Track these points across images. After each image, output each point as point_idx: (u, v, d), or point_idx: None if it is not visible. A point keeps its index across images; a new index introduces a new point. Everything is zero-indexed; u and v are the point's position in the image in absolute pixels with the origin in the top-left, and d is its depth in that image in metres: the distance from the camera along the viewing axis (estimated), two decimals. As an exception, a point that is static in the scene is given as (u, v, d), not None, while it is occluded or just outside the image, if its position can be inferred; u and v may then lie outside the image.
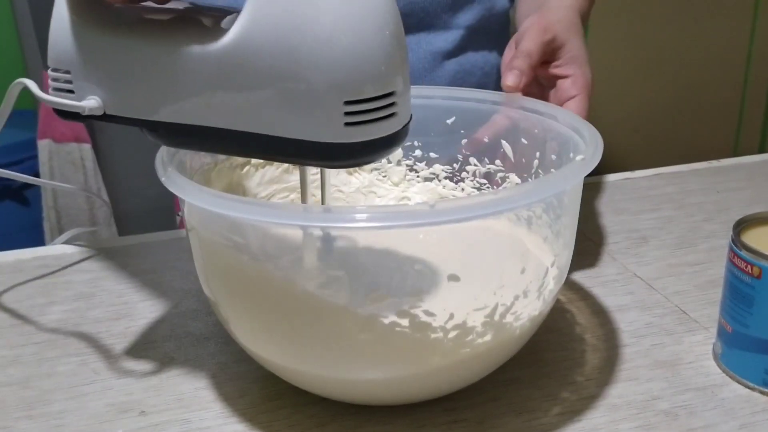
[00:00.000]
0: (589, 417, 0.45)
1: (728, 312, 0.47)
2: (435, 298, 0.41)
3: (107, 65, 0.41)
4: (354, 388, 0.44)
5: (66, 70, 0.42)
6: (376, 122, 0.37)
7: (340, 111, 0.36)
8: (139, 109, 0.41)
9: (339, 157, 0.37)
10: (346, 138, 0.36)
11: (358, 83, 0.35)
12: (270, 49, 0.36)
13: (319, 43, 0.35)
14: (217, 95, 0.38)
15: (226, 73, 0.37)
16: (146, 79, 0.40)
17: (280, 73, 0.36)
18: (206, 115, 0.39)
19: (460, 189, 0.60)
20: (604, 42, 1.82)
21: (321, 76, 0.35)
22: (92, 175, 1.50)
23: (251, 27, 0.36)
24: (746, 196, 0.75)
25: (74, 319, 0.57)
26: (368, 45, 0.35)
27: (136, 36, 0.40)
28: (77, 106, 0.41)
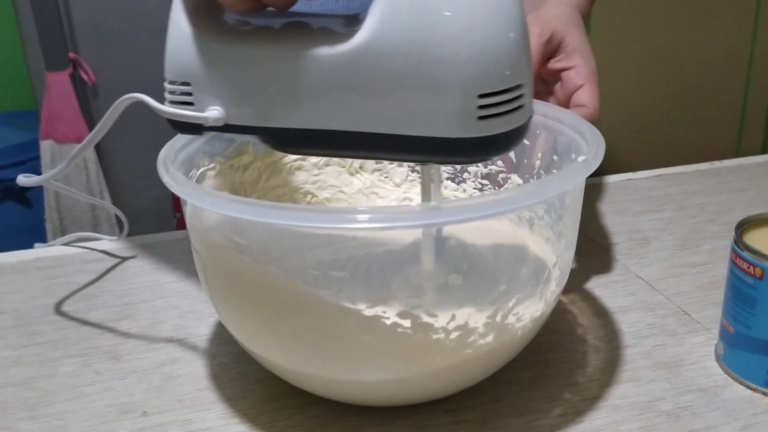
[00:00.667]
0: (590, 418, 0.45)
1: (730, 313, 0.47)
2: (437, 299, 0.41)
3: (229, 75, 0.40)
4: (356, 389, 0.44)
5: (185, 82, 0.41)
6: (506, 114, 0.37)
7: (474, 105, 0.36)
8: (261, 118, 0.40)
9: (470, 152, 0.37)
10: (479, 132, 0.36)
11: (491, 76, 0.36)
12: (402, 49, 0.36)
13: (452, 39, 0.35)
14: (346, 98, 0.38)
15: (356, 75, 0.37)
16: (270, 86, 0.39)
17: (413, 71, 0.36)
18: (333, 119, 0.39)
19: (461, 190, 0.60)
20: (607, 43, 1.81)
21: (455, 72, 0.35)
22: (95, 176, 1.50)
23: (382, 28, 0.36)
24: (748, 197, 0.75)
25: (76, 320, 0.57)
26: (499, 38, 0.36)
27: (260, 44, 0.40)
28: (201, 118, 0.40)
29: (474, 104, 0.36)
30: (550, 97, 0.59)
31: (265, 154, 0.56)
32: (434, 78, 0.36)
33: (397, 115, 0.37)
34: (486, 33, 0.35)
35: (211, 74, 0.40)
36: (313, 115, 0.39)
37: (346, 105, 0.38)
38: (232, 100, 0.40)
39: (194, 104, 0.41)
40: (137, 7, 1.44)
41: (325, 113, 0.39)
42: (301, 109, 0.39)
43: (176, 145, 0.47)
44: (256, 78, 0.40)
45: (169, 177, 0.42)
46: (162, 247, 0.67)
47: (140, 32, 1.45)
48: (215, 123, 0.41)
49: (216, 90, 0.40)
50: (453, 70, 0.35)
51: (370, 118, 0.38)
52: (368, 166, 0.61)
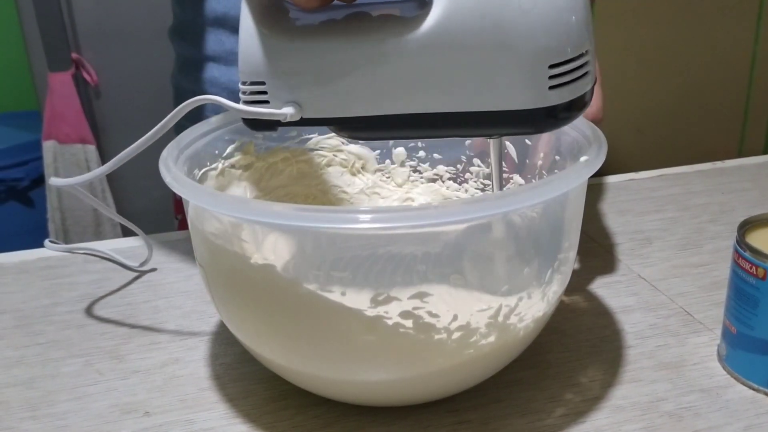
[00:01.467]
0: (593, 418, 0.45)
1: (733, 313, 0.47)
2: (439, 299, 0.41)
3: (302, 72, 0.41)
4: (358, 389, 0.44)
5: (259, 82, 0.42)
6: (574, 82, 0.38)
7: (545, 75, 0.37)
8: (336, 109, 0.41)
9: (543, 121, 0.39)
10: (550, 101, 0.38)
11: (561, 46, 0.37)
12: (472, 26, 0.37)
13: (522, 13, 0.36)
14: (421, 81, 0.39)
15: (430, 57, 0.38)
16: (344, 78, 0.40)
17: (485, 48, 0.37)
18: (408, 103, 0.40)
19: (463, 190, 0.59)
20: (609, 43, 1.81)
21: (527, 44, 0.36)
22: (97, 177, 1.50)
23: (450, 9, 0.37)
24: (751, 197, 0.74)
25: (78, 320, 0.57)
26: (566, 9, 0.37)
27: (330, 36, 0.40)
28: (278, 114, 0.41)
29: (545, 74, 0.37)
30: None
31: (267, 154, 0.56)
32: (507, 52, 0.37)
33: (471, 92, 0.38)
34: (554, 6, 0.36)
35: (285, 73, 0.41)
36: (389, 101, 0.40)
37: (421, 88, 0.39)
38: (307, 96, 0.41)
39: (269, 102, 0.42)
40: (139, 7, 1.44)
41: (400, 98, 0.40)
42: (376, 97, 0.40)
43: (178, 146, 0.47)
44: (330, 72, 0.40)
45: (171, 177, 0.42)
46: (164, 247, 0.67)
47: (142, 33, 1.45)
48: (292, 118, 0.42)
49: (290, 87, 0.41)
50: (525, 42, 0.36)
51: (445, 98, 0.39)
52: (370, 167, 0.61)
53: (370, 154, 0.61)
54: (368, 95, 0.40)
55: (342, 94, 0.41)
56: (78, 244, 0.67)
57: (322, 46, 0.40)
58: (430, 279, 0.42)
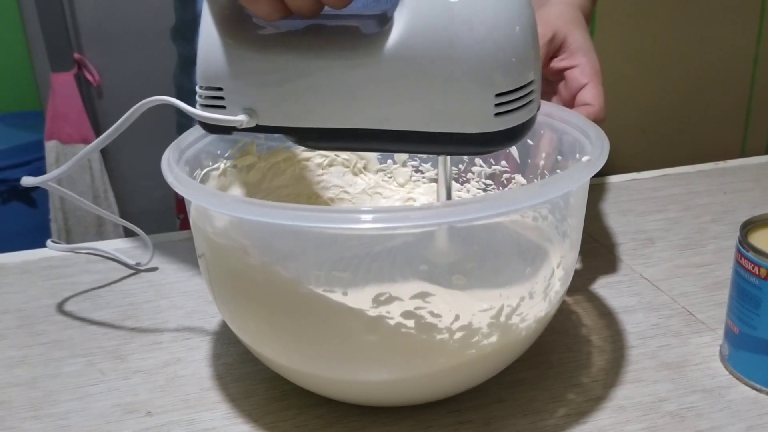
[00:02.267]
0: (595, 419, 0.45)
1: (735, 313, 0.47)
2: (440, 299, 0.41)
3: (260, 79, 0.42)
4: (359, 389, 0.44)
5: (217, 87, 0.42)
6: (518, 110, 0.40)
7: (491, 103, 0.39)
8: (291, 119, 0.42)
9: (487, 145, 0.40)
10: (495, 127, 0.39)
11: (508, 76, 0.39)
12: (426, 55, 0.38)
13: (476, 43, 0.37)
14: (373, 99, 0.40)
15: (382, 78, 0.39)
16: (300, 89, 0.41)
17: (437, 74, 0.38)
18: (361, 118, 0.41)
19: (465, 190, 0.59)
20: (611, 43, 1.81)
21: (477, 75, 0.38)
22: (99, 176, 1.51)
23: (407, 34, 0.38)
24: (753, 197, 0.74)
25: (80, 320, 0.57)
26: (515, 43, 0.38)
27: (289, 48, 0.41)
28: (233, 121, 0.42)
29: (492, 103, 0.39)
30: (554, 97, 0.59)
31: (268, 154, 0.56)
32: (457, 81, 0.38)
33: (422, 114, 0.40)
34: (505, 40, 0.38)
35: (242, 80, 0.42)
36: (343, 115, 0.41)
37: (375, 106, 0.40)
38: (262, 104, 0.42)
39: (226, 107, 0.42)
40: (141, 8, 1.44)
41: (354, 114, 0.41)
42: (331, 111, 0.41)
43: (180, 146, 0.47)
44: (286, 83, 0.41)
45: (173, 177, 0.42)
46: (166, 247, 0.67)
47: (144, 33, 1.45)
48: (246, 125, 0.42)
49: (247, 94, 0.42)
50: (475, 73, 0.38)
51: (396, 117, 0.40)
52: (372, 167, 0.61)
53: (371, 154, 0.61)
54: (323, 108, 0.41)
55: (297, 105, 0.41)
56: (80, 244, 0.67)
57: (280, 57, 0.41)
58: (431, 278, 0.42)
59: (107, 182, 1.51)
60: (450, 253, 0.44)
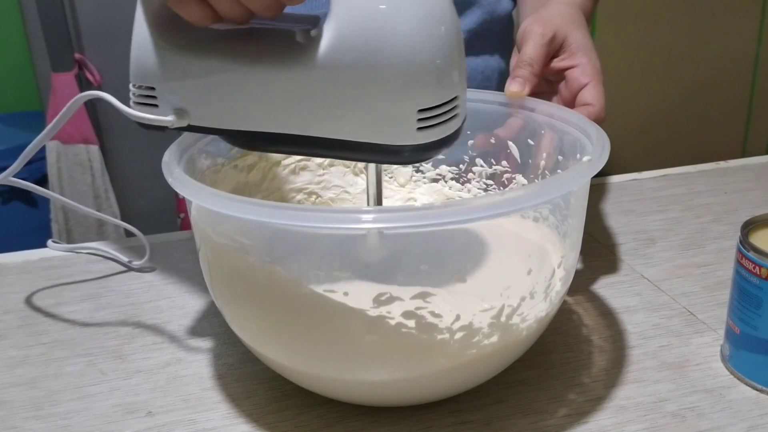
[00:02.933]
0: (596, 419, 0.45)
1: (736, 313, 0.47)
2: (441, 299, 0.41)
3: (191, 81, 0.42)
4: (360, 389, 0.44)
5: (149, 86, 0.43)
6: (442, 124, 0.40)
7: (414, 118, 0.39)
8: (222, 120, 0.43)
9: (409, 157, 0.41)
10: (417, 140, 0.40)
11: (431, 93, 0.39)
12: (352, 66, 0.39)
13: (399, 60, 0.38)
14: (300, 106, 0.41)
15: (310, 87, 0.40)
16: (230, 92, 0.42)
17: (362, 86, 0.39)
18: (288, 124, 0.41)
19: (466, 190, 0.59)
20: (612, 43, 1.81)
21: (401, 89, 0.39)
22: (99, 176, 1.51)
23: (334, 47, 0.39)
24: (754, 197, 0.74)
25: (81, 320, 0.57)
26: (441, 58, 0.39)
27: (219, 53, 0.42)
28: (163, 121, 0.43)
29: (414, 118, 0.39)
30: (555, 97, 0.59)
31: (269, 154, 0.56)
32: (381, 94, 0.39)
33: (348, 124, 0.40)
34: (428, 58, 0.38)
35: (173, 81, 0.43)
36: (272, 120, 0.42)
37: (301, 113, 0.41)
38: (194, 105, 0.43)
39: (158, 106, 0.43)
40: (142, 8, 1.44)
41: (282, 119, 0.41)
42: (260, 115, 0.42)
43: (181, 146, 0.47)
44: (215, 85, 0.42)
45: (173, 177, 0.42)
46: (167, 247, 0.67)
47: (145, 33, 1.45)
48: (177, 125, 0.43)
49: (178, 95, 0.43)
50: (398, 88, 0.39)
51: (322, 125, 0.41)
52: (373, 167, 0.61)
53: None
54: (252, 112, 0.42)
55: (227, 108, 0.42)
56: (80, 244, 0.67)
57: (211, 61, 0.42)
58: (432, 279, 0.42)
59: (108, 182, 1.51)
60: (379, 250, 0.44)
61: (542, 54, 0.56)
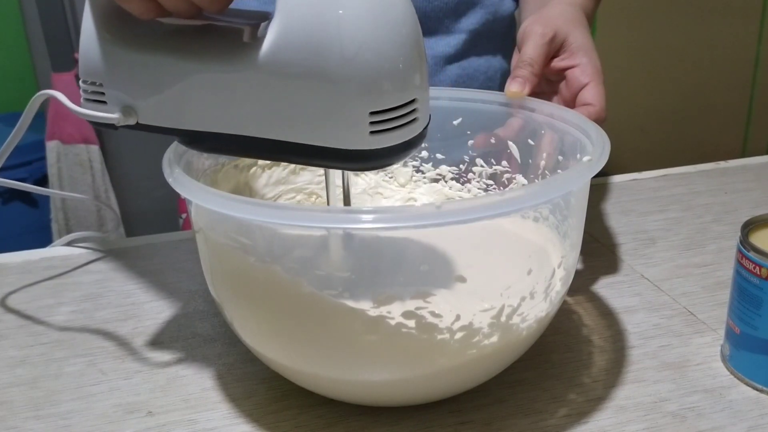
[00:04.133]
0: (596, 419, 0.45)
1: (736, 313, 0.47)
2: (441, 299, 0.41)
3: (138, 78, 0.41)
4: (360, 390, 0.44)
5: (98, 83, 0.42)
6: (398, 129, 0.38)
7: (365, 121, 0.37)
8: (170, 119, 0.42)
9: (363, 162, 0.39)
10: (371, 145, 0.38)
11: (382, 95, 0.37)
12: (297, 66, 0.37)
13: (345, 61, 0.36)
14: (248, 106, 0.39)
15: (256, 86, 0.38)
16: (177, 90, 0.41)
17: (309, 87, 0.37)
18: (237, 124, 0.40)
19: (466, 190, 0.59)
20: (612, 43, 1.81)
21: (348, 91, 0.37)
22: (100, 177, 1.51)
23: (278, 44, 0.37)
24: (754, 197, 0.74)
25: (82, 320, 0.57)
26: (391, 59, 0.37)
27: (166, 49, 0.41)
28: (110, 118, 0.42)
29: (366, 121, 0.37)
30: (555, 96, 0.59)
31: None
32: (329, 95, 0.37)
33: (297, 125, 0.38)
34: (378, 56, 0.36)
35: (120, 77, 0.42)
36: (220, 119, 0.40)
37: (250, 113, 0.39)
38: (141, 102, 0.42)
39: (107, 103, 0.43)
40: (143, 7, 1.44)
41: (231, 119, 0.40)
42: (208, 114, 0.41)
43: (181, 146, 0.47)
44: (163, 82, 0.41)
45: (173, 177, 0.42)
46: (167, 247, 0.67)
47: (146, 33, 1.45)
48: (124, 123, 0.42)
49: (126, 91, 0.42)
50: (346, 89, 0.37)
51: (272, 126, 0.39)
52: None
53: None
54: (199, 111, 0.41)
55: (174, 105, 0.41)
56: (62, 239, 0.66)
57: (156, 57, 0.41)
58: (432, 279, 0.42)
59: (108, 182, 1.52)
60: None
61: (542, 54, 0.56)
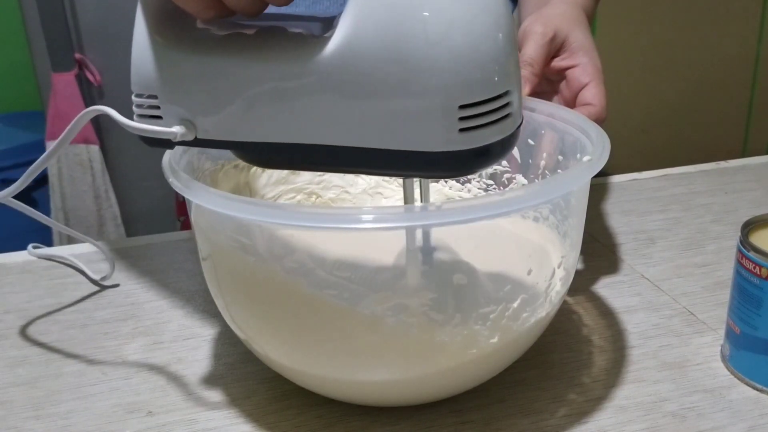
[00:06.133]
0: (596, 419, 0.45)
1: (736, 313, 0.47)
2: (441, 299, 0.41)
3: (197, 87, 0.38)
4: (360, 389, 0.44)
5: (152, 95, 0.39)
6: (492, 125, 0.34)
7: (454, 117, 0.33)
8: (233, 132, 0.38)
9: (453, 167, 0.35)
10: (461, 145, 0.34)
11: (473, 85, 0.33)
12: (376, 56, 0.33)
13: (429, 46, 0.32)
14: (320, 109, 0.36)
15: (329, 85, 0.35)
16: (240, 98, 0.37)
17: (388, 81, 0.33)
18: (308, 132, 0.36)
19: (466, 190, 0.59)
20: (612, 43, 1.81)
21: (433, 81, 0.33)
22: (100, 177, 1.51)
23: (354, 34, 0.34)
24: (754, 197, 0.74)
25: (82, 320, 0.57)
26: (481, 44, 0.33)
27: (228, 53, 0.37)
28: (168, 133, 0.38)
29: (455, 116, 0.33)
30: (555, 96, 0.59)
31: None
32: (411, 87, 0.33)
33: (375, 127, 0.35)
34: (466, 38, 0.32)
35: (177, 87, 0.38)
36: (289, 128, 0.37)
37: (322, 117, 0.36)
38: (200, 114, 0.38)
39: (162, 117, 0.39)
40: (143, 8, 1.44)
41: (301, 126, 0.37)
42: (275, 123, 0.37)
43: (181, 146, 0.47)
44: (224, 90, 0.37)
45: (174, 178, 0.42)
46: (167, 247, 0.67)
47: (146, 33, 1.45)
48: (183, 138, 0.39)
49: (183, 103, 0.38)
50: (432, 79, 0.33)
51: (347, 130, 0.35)
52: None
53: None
54: (264, 120, 0.37)
55: (237, 116, 0.37)
56: (58, 252, 0.66)
57: (216, 62, 0.37)
58: (432, 279, 0.42)
59: (108, 182, 1.52)
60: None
61: (543, 54, 0.56)
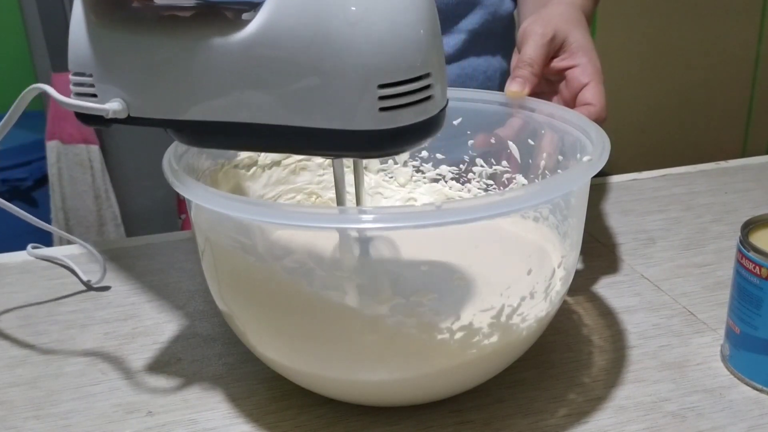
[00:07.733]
0: (596, 419, 0.45)
1: (736, 313, 0.47)
2: (441, 299, 0.41)
3: (129, 65, 0.40)
4: (360, 389, 0.44)
5: (88, 74, 0.41)
6: (412, 106, 0.35)
7: (374, 95, 0.34)
8: (164, 109, 0.40)
9: (375, 146, 0.36)
10: (381, 124, 0.35)
11: (392, 65, 0.34)
12: (297, 35, 0.34)
13: (348, 26, 0.33)
14: (245, 88, 0.37)
15: (253, 64, 0.36)
16: (170, 77, 0.39)
17: (309, 60, 0.34)
18: (234, 110, 0.37)
19: (466, 190, 0.59)
20: (612, 43, 1.81)
21: (353, 60, 0.34)
22: (100, 176, 1.51)
23: (276, 14, 0.35)
24: (754, 197, 0.74)
25: (82, 320, 0.57)
26: (400, 24, 0.34)
27: (157, 33, 0.39)
28: (100, 109, 0.40)
29: (374, 95, 0.34)
30: (555, 97, 0.59)
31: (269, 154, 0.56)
32: (332, 66, 0.34)
33: (298, 106, 0.36)
34: (386, 20, 0.33)
35: (111, 65, 0.40)
36: (216, 107, 0.38)
37: (247, 96, 0.37)
38: (133, 92, 0.40)
39: (97, 96, 0.41)
40: (143, 7, 1.44)
41: (227, 105, 0.37)
42: (203, 101, 0.38)
43: (181, 146, 0.47)
44: (154, 69, 0.39)
45: (174, 177, 0.42)
46: (168, 247, 0.67)
47: (146, 33, 1.45)
48: (116, 115, 0.40)
49: (117, 81, 0.40)
50: (351, 58, 0.34)
51: (271, 109, 0.36)
52: (373, 167, 0.61)
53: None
54: (193, 99, 0.38)
55: (168, 94, 0.39)
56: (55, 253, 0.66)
57: (148, 40, 0.39)
58: (432, 279, 0.42)
59: (108, 182, 1.51)
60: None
61: (542, 54, 0.56)
